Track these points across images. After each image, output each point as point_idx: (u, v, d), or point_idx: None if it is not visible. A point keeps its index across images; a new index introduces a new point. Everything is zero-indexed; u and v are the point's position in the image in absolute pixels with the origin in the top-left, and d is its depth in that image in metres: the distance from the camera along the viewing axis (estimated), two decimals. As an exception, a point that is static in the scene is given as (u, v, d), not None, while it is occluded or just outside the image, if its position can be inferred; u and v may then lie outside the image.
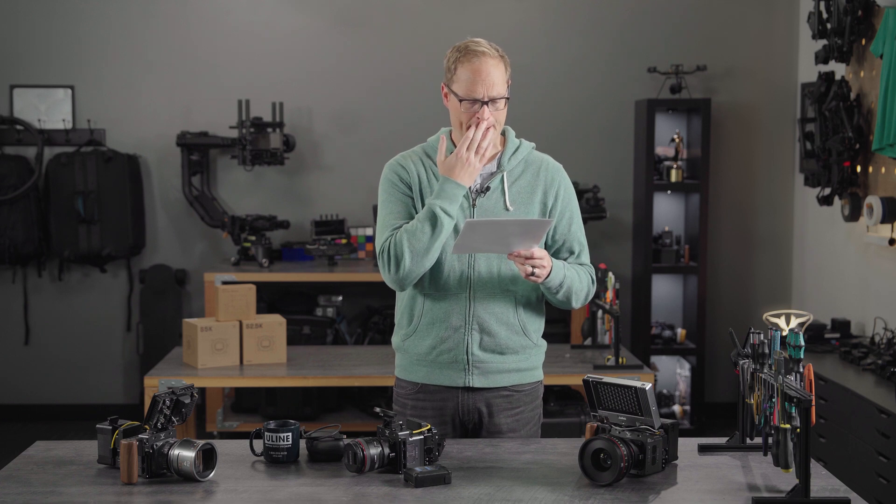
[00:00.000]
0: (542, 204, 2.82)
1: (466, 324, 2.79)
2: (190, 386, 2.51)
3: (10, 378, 6.34)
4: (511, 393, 2.86)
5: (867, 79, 5.17)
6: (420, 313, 2.82)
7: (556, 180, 2.85)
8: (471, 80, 2.70)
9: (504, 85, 2.74)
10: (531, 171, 2.84)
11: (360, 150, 6.35)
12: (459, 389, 2.83)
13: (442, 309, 2.79)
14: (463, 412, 2.84)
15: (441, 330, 2.80)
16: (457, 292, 2.78)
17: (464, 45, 2.75)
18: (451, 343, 2.80)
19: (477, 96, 2.71)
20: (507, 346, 2.82)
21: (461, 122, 2.76)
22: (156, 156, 6.31)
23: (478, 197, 2.79)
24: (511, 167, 2.82)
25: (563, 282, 2.75)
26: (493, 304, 2.79)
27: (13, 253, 6.07)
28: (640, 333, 6.16)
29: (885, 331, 4.94)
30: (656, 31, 6.32)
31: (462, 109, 2.74)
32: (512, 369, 2.85)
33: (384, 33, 6.31)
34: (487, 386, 2.83)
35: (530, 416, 2.90)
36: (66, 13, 6.21)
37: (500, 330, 2.80)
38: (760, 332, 2.54)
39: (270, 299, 6.10)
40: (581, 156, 6.32)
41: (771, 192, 6.39)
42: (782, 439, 2.24)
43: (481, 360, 2.81)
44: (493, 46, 2.75)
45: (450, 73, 2.76)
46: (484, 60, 2.70)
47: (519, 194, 2.81)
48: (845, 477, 3.26)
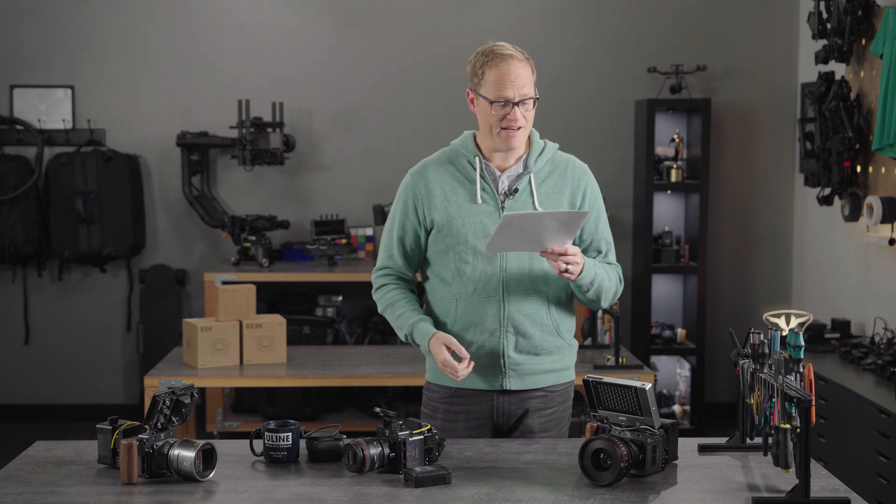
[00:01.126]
0: (571, 204, 2.83)
1: (501, 326, 2.79)
2: (190, 386, 2.51)
3: (10, 378, 6.34)
4: (546, 394, 2.86)
5: (867, 79, 5.17)
6: (455, 317, 2.81)
7: (584, 180, 2.87)
8: (500, 83, 2.71)
9: (532, 85, 2.75)
10: (558, 172, 2.85)
11: (360, 150, 6.35)
12: (495, 392, 2.83)
13: (476, 312, 2.79)
14: (498, 415, 2.84)
15: (477, 333, 2.79)
16: (490, 295, 2.78)
17: (489, 49, 2.75)
18: (487, 347, 2.80)
19: (507, 97, 2.71)
20: (542, 346, 2.82)
21: (491, 125, 2.75)
22: (156, 156, 6.31)
23: (506, 199, 2.78)
24: (538, 168, 2.82)
25: (594, 279, 2.75)
26: (526, 305, 2.79)
27: (13, 253, 6.07)
28: (640, 333, 6.16)
29: (885, 331, 4.93)
30: (656, 31, 6.32)
31: (492, 112, 2.73)
32: (547, 370, 2.85)
33: (384, 33, 6.31)
34: (523, 388, 2.83)
35: (561, 417, 2.90)
36: (66, 13, 6.21)
37: (534, 331, 2.80)
38: (760, 332, 2.54)
39: (270, 299, 6.10)
40: (581, 156, 6.24)
41: (771, 192, 6.39)
42: (782, 439, 2.24)
43: (517, 362, 2.81)
44: (517, 49, 2.77)
45: (476, 77, 2.76)
46: (511, 62, 2.72)
47: (547, 195, 2.81)
48: (845, 477, 3.26)
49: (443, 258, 2.82)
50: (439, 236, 2.81)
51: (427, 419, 2.88)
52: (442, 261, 2.82)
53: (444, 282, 2.83)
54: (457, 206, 2.78)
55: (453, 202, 2.79)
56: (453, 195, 2.80)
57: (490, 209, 2.78)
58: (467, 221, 2.77)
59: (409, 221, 2.84)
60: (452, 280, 2.80)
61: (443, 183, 2.81)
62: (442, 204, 2.80)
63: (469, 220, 2.77)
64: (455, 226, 2.78)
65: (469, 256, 2.77)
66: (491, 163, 2.82)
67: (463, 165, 2.82)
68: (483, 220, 2.77)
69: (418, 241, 2.85)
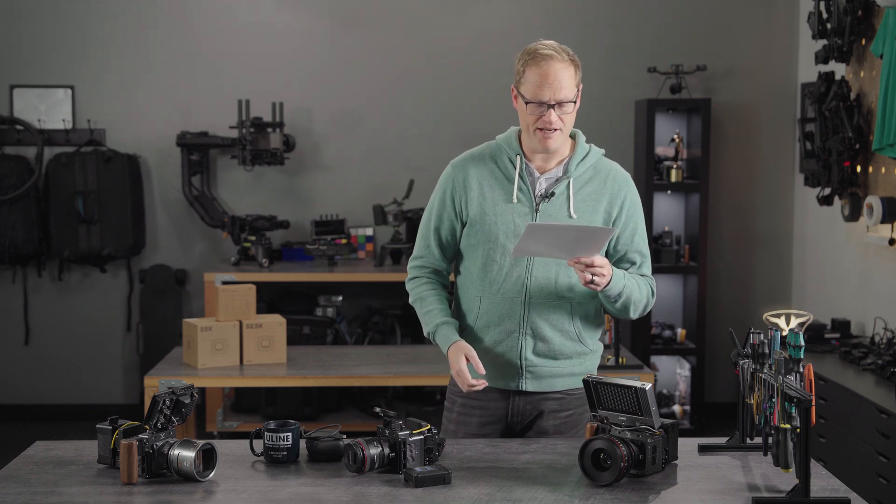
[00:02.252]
0: (607, 213, 2.80)
1: (520, 328, 2.78)
2: (190, 386, 2.51)
3: (10, 378, 6.34)
4: (563, 396, 2.85)
5: (867, 79, 5.17)
6: (476, 315, 2.82)
7: (623, 190, 2.83)
8: (538, 84, 2.68)
9: (573, 88, 2.71)
10: (598, 179, 2.82)
11: (360, 150, 6.35)
12: (511, 392, 2.83)
13: (497, 312, 2.79)
14: (513, 414, 2.84)
15: (495, 333, 2.80)
16: (513, 296, 2.77)
17: (533, 48, 2.72)
18: (505, 347, 2.80)
19: (543, 99, 2.69)
20: (562, 351, 2.81)
21: (528, 124, 2.73)
22: (156, 156, 6.31)
23: (542, 202, 2.77)
24: (579, 173, 2.80)
25: (622, 291, 2.73)
26: (549, 311, 2.78)
27: (13, 253, 6.07)
28: (640, 333, 6.16)
29: (885, 331, 4.93)
30: (656, 31, 6.32)
31: (528, 112, 2.71)
32: (566, 374, 2.84)
33: (385, 33, 6.31)
34: (540, 390, 2.83)
35: (578, 419, 2.88)
36: (66, 13, 6.21)
37: (554, 336, 2.79)
38: (760, 332, 2.54)
39: (270, 299, 6.10)
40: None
41: (771, 192, 6.39)
42: (782, 439, 2.24)
43: (535, 364, 2.80)
44: (563, 49, 2.72)
45: (518, 75, 2.74)
46: (551, 64, 2.68)
47: (584, 202, 2.78)
48: (845, 477, 3.26)
49: (472, 253, 2.82)
50: (472, 231, 2.81)
51: (447, 411, 2.92)
52: (471, 256, 2.83)
53: (471, 278, 2.83)
54: (492, 203, 2.78)
55: (489, 199, 2.79)
56: (490, 192, 2.79)
57: (524, 210, 2.77)
58: (500, 219, 2.77)
59: (447, 212, 2.84)
60: (479, 277, 2.81)
61: (481, 178, 2.81)
62: (478, 199, 2.79)
63: (502, 218, 2.77)
64: (487, 222, 2.78)
65: (497, 255, 2.77)
66: (532, 163, 2.80)
67: (504, 163, 2.81)
68: (516, 220, 2.76)
69: (454, 232, 2.86)
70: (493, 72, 6.25)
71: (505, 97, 6.47)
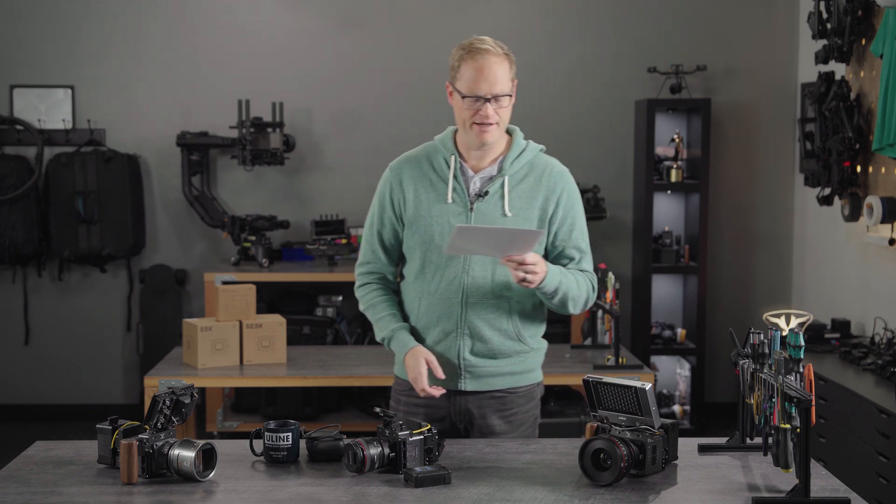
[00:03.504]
0: (542, 209, 2.80)
1: (458, 329, 2.78)
2: (190, 386, 2.51)
3: (10, 378, 6.34)
4: (505, 395, 2.85)
5: (867, 79, 5.17)
6: (417, 316, 2.83)
7: (560, 186, 2.83)
8: (474, 78, 2.69)
9: (508, 83, 2.72)
10: (534, 175, 2.81)
11: (360, 150, 6.35)
12: (453, 392, 2.83)
13: (435, 313, 2.80)
14: (455, 413, 2.84)
15: (434, 334, 2.81)
16: (450, 297, 2.78)
17: (468, 43, 2.73)
18: (444, 347, 2.80)
19: (480, 93, 2.69)
20: (500, 351, 2.81)
21: (464, 119, 2.74)
22: (156, 156, 6.31)
23: (476, 201, 2.77)
24: (513, 171, 2.80)
25: (558, 288, 2.72)
26: (487, 311, 2.78)
27: (13, 253, 6.07)
28: (640, 333, 6.16)
29: (885, 331, 4.93)
30: (656, 31, 6.32)
31: (465, 107, 2.72)
32: (505, 373, 2.84)
33: (384, 34, 6.31)
34: (479, 389, 2.82)
35: (525, 418, 2.88)
36: (66, 13, 6.21)
37: (492, 336, 2.79)
38: (760, 332, 2.54)
39: (270, 299, 6.10)
40: (581, 156, 6.32)
41: (771, 192, 6.39)
42: (782, 439, 2.24)
43: (473, 364, 2.80)
44: (497, 44, 2.73)
45: (454, 70, 2.75)
46: (487, 58, 2.69)
47: (519, 199, 2.78)
48: (845, 477, 3.26)
49: (412, 255, 2.83)
50: (409, 233, 2.81)
51: (394, 411, 2.91)
52: (411, 258, 2.83)
53: (411, 279, 2.84)
54: (427, 204, 2.78)
55: (424, 200, 2.79)
56: (424, 193, 2.79)
57: (459, 209, 2.77)
58: (435, 220, 2.77)
59: (387, 215, 2.85)
60: (417, 278, 2.81)
61: (416, 179, 2.81)
62: (413, 201, 2.80)
63: (437, 218, 2.77)
64: (423, 224, 2.78)
65: (433, 256, 2.78)
66: (467, 162, 2.80)
67: (439, 163, 2.81)
68: (451, 220, 2.76)
69: (396, 235, 2.86)
70: (493, 72, 6.24)
71: (505, 97, 6.47)
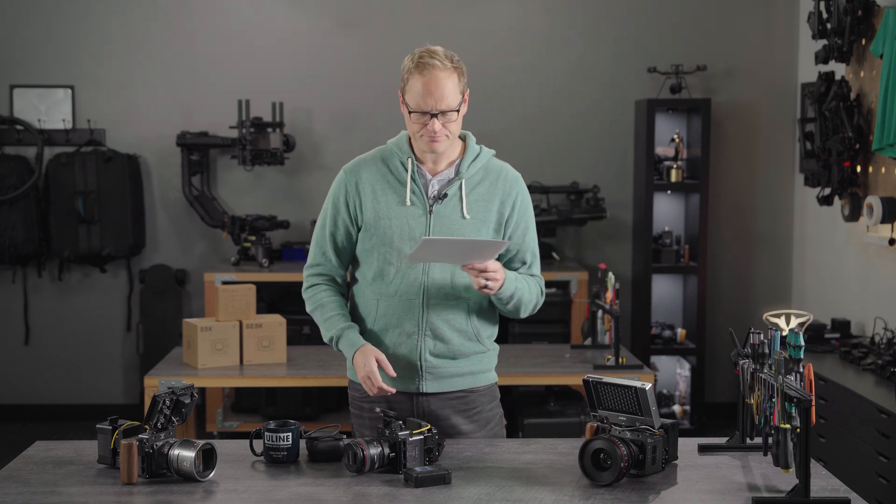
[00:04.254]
0: (499, 213, 2.81)
1: (420, 330, 2.78)
2: (190, 386, 2.51)
3: (10, 378, 6.34)
4: (466, 394, 2.85)
5: (867, 79, 5.17)
6: (375, 317, 2.81)
7: (514, 190, 2.84)
8: (420, 93, 2.69)
9: (456, 96, 2.70)
10: (490, 180, 2.82)
11: (360, 150, 6.19)
12: (414, 394, 2.82)
13: (396, 315, 2.79)
14: (419, 415, 2.82)
15: (394, 336, 2.79)
16: (411, 298, 2.77)
17: (417, 56, 2.72)
18: (405, 349, 2.79)
19: (426, 109, 2.69)
20: (460, 351, 2.82)
21: (414, 131, 2.75)
22: (156, 156, 6.31)
23: (434, 203, 2.77)
24: (470, 174, 2.80)
25: (513, 293, 2.75)
26: (447, 312, 2.78)
27: (13, 253, 6.07)
28: (640, 333, 6.16)
29: (885, 331, 4.93)
30: (656, 31, 6.32)
31: (413, 120, 2.73)
32: (465, 373, 2.84)
33: (384, 34, 6.31)
34: (441, 390, 2.82)
35: (490, 416, 2.89)
36: (66, 13, 6.21)
37: (453, 336, 2.80)
38: (760, 332, 2.54)
39: (270, 299, 6.09)
40: (581, 156, 6.33)
41: (771, 192, 6.39)
42: (782, 439, 2.24)
43: (434, 365, 2.80)
44: (447, 56, 2.71)
45: (403, 83, 2.74)
46: (434, 73, 2.67)
47: (476, 202, 2.79)
48: (845, 477, 3.26)
49: (368, 257, 2.82)
50: (366, 235, 2.80)
51: (355, 419, 2.90)
52: (367, 260, 2.82)
53: (367, 281, 2.83)
54: (385, 207, 2.78)
55: (382, 202, 2.78)
56: (383, 195, 2.79)
57: (418, 212, 2.77)
58: (394, 223, 2.77)
59: (341, 217, 2.84)
60: (375, 280, 2.80)
61: (374, 182, 2.81)
62: (371, 203, 2.79)
63: (396, 221, 2.77)
64: (382, 226, 2.77)
65: (393, 258, 2.77)
66: (423, 165, 2.80)
67: (395, 166, 2.81)
68: (410, 223, 2.76)
69: (350, 237, 2.85)
70: (494, 72, 6.26)
71: (504, 97, 6.49)
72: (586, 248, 6.43)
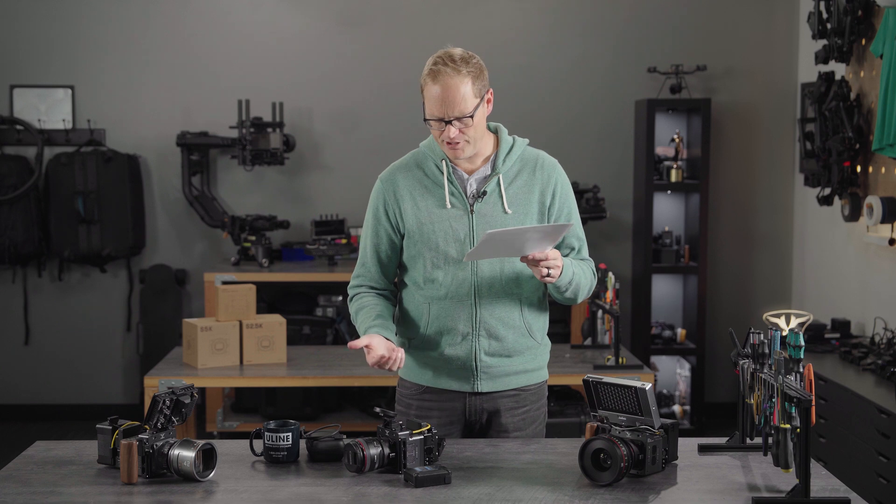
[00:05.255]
0: (541, 203, 2.80)
1: (474, 330, 2.78)
2: (190, 386, 2.51)
3: (10, 378, 6.34)
4: (518, 393, 2.86)
5: (867, 79, 5.17)
6: (428, 321, 2.81)
7: (553, 177, 2.83)
8: (434, 101, 2.67)
9: (471, 101, 2.67)
10: (527, 170, 2.82)
11: (360, 150, 6.35)
12: (467, 393, 2.83)
13: (450, 317, 2.78)
14: (470, 414, 2.84)
15: (450, 337, 2.79)
16: (463, 299, 2.77)
17: (432, 62, 2.70)
18: (460, 350, 2.79)
19: (440, 116, 2.68)
20: (514, 349, 2.81)
21: (435, 136, 2.75)
22: (156, 156, 6.31)
23: (475, 202, 2.77)
24: (506, 168, 2.80)
25: (572, 279, 2.74)
26: (499, 308, 2.78)
27: (13, 253, 6.07)
28: (640, 333, 6.16)
29: (885, 331, 4.93)
30: (656, 31, 6.32)
31: (432, 127, 2.72)
32: (519, 371, 2.84)
33: (384, 34, 6.31)
34: (495, 389, 2.83)
35: (536, 415, 2.90)
36: (66, 13, 6.21)
37: (507, 334, 2.79)
38: (760, 332, 2.54)
39: (270, 299, 6.10)
40: (581, 156, 6.32)
41: (771, 192, 6.39)
42: (782, 439, 2.24)
43: (489, 364, 2.80)
44: (462, 60, 2.69)
45: (421, 88, 2.73)
46: (445, 80, 2.66)
47: (516, 195, 2.79)
48: (845, 477, 3.26)
49: (414, 263, 2.81)
50: (411, 242, 2.80)
51: (401, 416, 2.89)
52: (414, 265, 2.82)
53: (416, 286, 2.82)
54: (426, 212, 2.77)
55: (423, 207, 2.78)
56: (422, 200, 2.78)
57: (459, 213, 2.77)
58: (437, 227, 2.76)
59: (383, 227, 2.84)
60: (425, 284, 2.80)
61: (412, 188, 2.80)
62: (412, 209, 2.78)
63: (439, 224, 2.76)
64: (425, 231, 2.77)
65: (440, 261, 2.77)
66: (459, 165, 2.80)
67: (431, 169, 2.80)
68: (453, 225, 2.76)
69: (394, 246, 2.85)
70: (494, 71, 6.21)
71: (504, 97, 6.49)
72: (586, 248, 6.43)
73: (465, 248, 2.74)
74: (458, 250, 2.74)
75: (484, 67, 2.75)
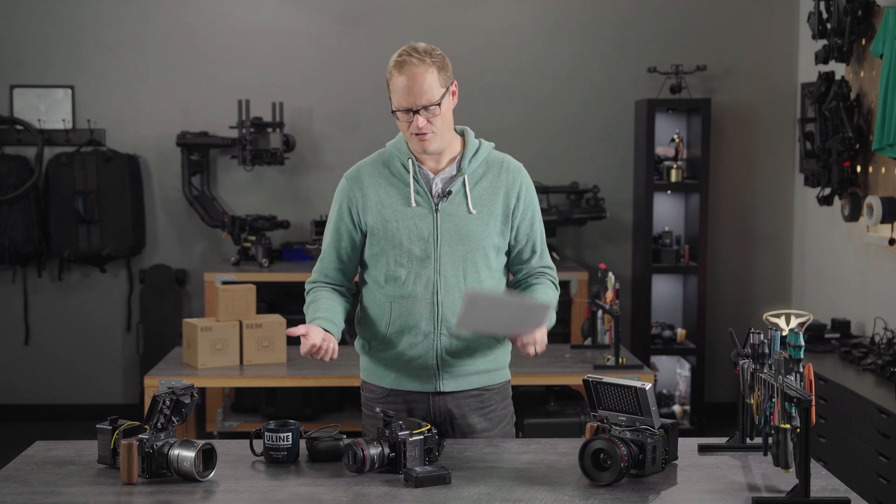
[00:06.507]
0: (505, 205, 2.81)
1: (436, 329, 2.78)
2: (190, 386, 2.51)
3: (10, 378, 6.34)
4: (481, 392, 2.86)
5: (867, 79, 5.17)
6: (389, 320, 2.81)
7: (518, 180, 2.84)
8: (400, 92, 2.69)
9: (437, 90, 2.68)
10: (492, 173, 2.82)
11: (360, 150, 6.25)
12: (430, 393, 2.83)
13: (412, 316, 2.78)
14: (434, 414, 2.83)
15: (411, 336, 2.79)
16: (425, 297, 2.77)
17: (396, 55, 2.71)
18: (421, 349, 2.79)
19: (408, 106, 2.69)
20: (476, 348, 2.82)
21: (403, 130, 2.75)
22: (156, 156, 6.31)
23: (440, 201, 2.77)
24: (472, 169, 2.80)
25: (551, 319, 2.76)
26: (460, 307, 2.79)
27: (13, 253, 6.07)
28: (640, 333, 6.16)
29: (885, 331, 4.93)
30: (656, 31, 6.32)
31: (400, 119, 2.73)
32: (481, 371, 2.84)
33: (384, 33, 6.30)
34: (457, 389, 2.83)
35: (503, 415, 2.90)
36: (67, 13, 6.21)
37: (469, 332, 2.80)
38: (760, 332, 2.54)
39: (270, 299, 6.10)
40: (581, 156, 6.32)
41: (771, 192, 6.39)
42: (782, 439, 2.24)
43: (451, 364, 2.80)
44: (426, 51, 2.70)
45: (387, 83, 2.74)
46: (411, 70, 2.67)
47: (481, 196, 2.79)
48: (845, 477, 3.26)
49: (377, 261, 2.81)
50: (374, 240, 2.80)
51: (367, 419, 2.89)
52: (376, 264, 2.82)
53: (378, 284, 2.82)
54: (391, 210, 2.78)
55: (388, 205, 2.78)
56: (388, 198, 2.79)
57: (424, 212, 2.77)
58: (402, 224, 2.77)
59: (344, 225, 2.84)
60: (387, 283, 2.80)
61: (377, 186, 2.81)
62: (376, 207, 2.79)
63: (403, 223, 2.77)
64: (390, 229, 2.77)
65: (404, 259, 2.77)
66: (425, 165, 2.80)
67: (397, 168, 2.81)
68: (417, 223, 2.76)
69: (354, 245, 2.85)
70: (494, 71, 6.26)
71: (504, 97, 6.49)
72: (586, 248, 6.43)
73: (428, 247, 2.75)
74: (421, 249, 2.75)
75: (447, 60, 2.75)
